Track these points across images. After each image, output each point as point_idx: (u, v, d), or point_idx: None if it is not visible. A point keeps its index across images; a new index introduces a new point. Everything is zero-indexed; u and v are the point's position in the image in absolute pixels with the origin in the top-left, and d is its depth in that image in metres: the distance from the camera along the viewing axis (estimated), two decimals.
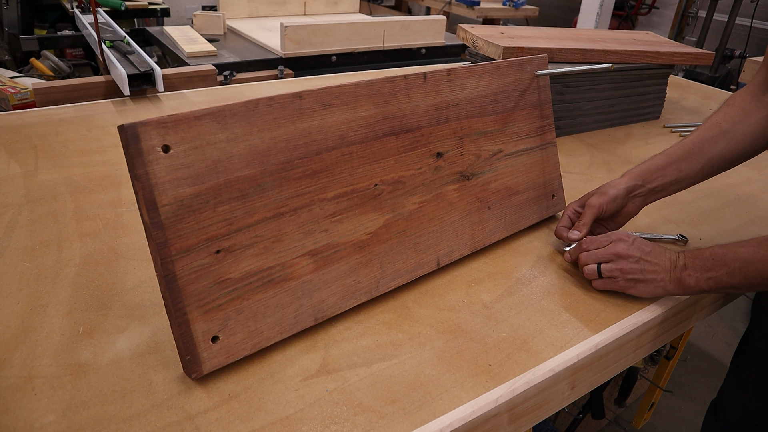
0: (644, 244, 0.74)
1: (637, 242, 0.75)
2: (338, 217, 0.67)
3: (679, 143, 0.85)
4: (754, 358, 0.89)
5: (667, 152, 0.84)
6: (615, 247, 0.74)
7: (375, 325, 0.69)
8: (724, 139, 0.83)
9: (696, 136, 0.84)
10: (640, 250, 0.74)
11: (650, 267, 0.73)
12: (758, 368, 0.89)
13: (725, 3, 3.44)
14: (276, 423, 0.55)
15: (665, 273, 0.72)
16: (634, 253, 0.73)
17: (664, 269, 0.72)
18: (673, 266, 0.72)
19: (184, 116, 0.54)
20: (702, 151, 0.83)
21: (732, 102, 0.86)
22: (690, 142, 0.84)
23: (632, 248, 0.74)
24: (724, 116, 0.84)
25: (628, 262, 0.73)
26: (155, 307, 0.69)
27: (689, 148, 0.83)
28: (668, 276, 0.72)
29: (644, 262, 0.73)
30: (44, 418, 0.53)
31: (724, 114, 0.85)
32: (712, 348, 2.07)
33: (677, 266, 0.72)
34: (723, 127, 0.83)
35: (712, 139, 0.83)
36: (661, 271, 0.72)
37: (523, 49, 1.21)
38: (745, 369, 0.91)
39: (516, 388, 0.61)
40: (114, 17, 1.89)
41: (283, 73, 1.73)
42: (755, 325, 0.90)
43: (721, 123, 0.84)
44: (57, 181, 0.96)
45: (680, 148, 0.84)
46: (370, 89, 0.68)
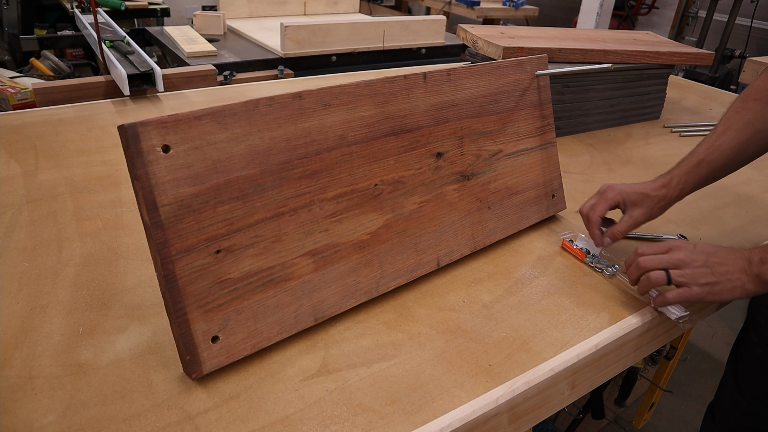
0: (707, 247, 0.70)
1: (698, 247, 0.71)
2: (338, 217, 0.67)
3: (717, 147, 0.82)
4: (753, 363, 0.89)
5: (708, 161, 0.81)
6: (677, 254, 0.70)
7: (375, 325, 0.69)
8: (757, 139, 0.81)
9: (732, 139, 0.82)
10: (704, 253, 0.70)
11: (721, 268, 0.68)
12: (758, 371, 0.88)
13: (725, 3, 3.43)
14: (276, 423, 0.55)
15: (740, 272, 0.68)
16: (699, 257, 0.69)
17: (738, 268, 0.68)
18: (747, 263, 0.68)
19: (184, 116, 0.54)
20: (738, 156, 0.82)
21: (758, 96, 0.83)
22: (728, 148, 0.81)
23: (695, 253, 0.70)
24: (755, 114, 0.82)
25: (694, 267, 0.69)
26: (155, 307, 0.69)
27: (728, 155, 0.81)
28: (744, 275, 0.68)
29: (713, 264, 0.69)
30: (44, 418, 0.53)
31: (755, 112, 0.82)
32: (712, 348, 2.07)
33: (752, 262, 0.68)
34: (756, 127, 0.81)
35: (746, 141, 0.81)
36: (734, 270, 0.68)
37: (523, 49, 1.21)
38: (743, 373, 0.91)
39: (516, 388, 0.61)
40: (114, 17, 1.89)
41: (283, 73, 1.73)
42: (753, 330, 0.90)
43: (753, 123, 0.81)
44: (57, 181, 0.96)
45: (720, 156, 0.81)
46: (370, 89, 0.68)
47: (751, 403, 0.90)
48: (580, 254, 0.84)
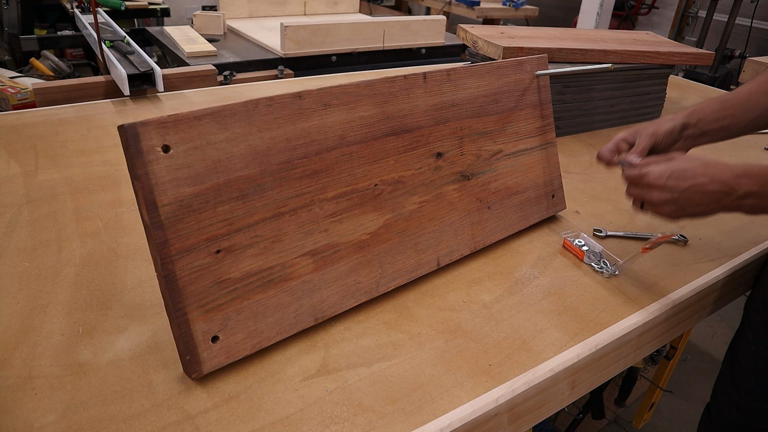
0: (681, 178, 0.68)
1: (670, 181, 0.68)
2: (338, 217, 0.67)
3: (735, 91, 0.82)
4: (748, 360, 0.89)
5: (722, 98, 0.81)
6: (649, 193, 0.70)
7: (375, 325, 0.69)
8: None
9: (752, 86, 0.82)
10: (675, 189, 0.68)
11: (693, 202, 0.67)
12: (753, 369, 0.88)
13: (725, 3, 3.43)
14: (276, 423, 0.55)
15: (715, 203, 0.67)
16: (668, 196, 0.68)
17: (713, 200, 0.67)
18: (726, 194, 0.66)
19: (184, 116, 0.54)
20: (758, 102, 0.80)
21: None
22: (746, 92, 0.81)
23: (664, 192, 0.68)
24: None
25: (665, 206, 0.69)
26: (155, 307, 0.69)
27: (745, 97, 0.81)
28: (719, 204, 0.67)
29: (684, 200, 0.68)
30: (44, 418, 0.53)
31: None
32: (712, 348, 2.07)
33: (734, 194, 0.66)
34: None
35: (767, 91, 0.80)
36: (708, 201, 0.67)
37: (523, 49, 1.21)
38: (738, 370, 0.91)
39: (516, 388, 0.61)
40: (114, 17, 1.89)
41: (283, 73, 1.73)
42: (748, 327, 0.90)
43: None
44: (57, 181, 0.96)
45: (736, 96, 0.81)
46: (370, 89, 0.68)
47: (747, 401, 0.90)
48: (580, 253, 0.84)
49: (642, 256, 0.86)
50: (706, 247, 0.92)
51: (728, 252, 0.91)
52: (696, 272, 0.84)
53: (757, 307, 0.88)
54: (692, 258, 0.88)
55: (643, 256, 0.86)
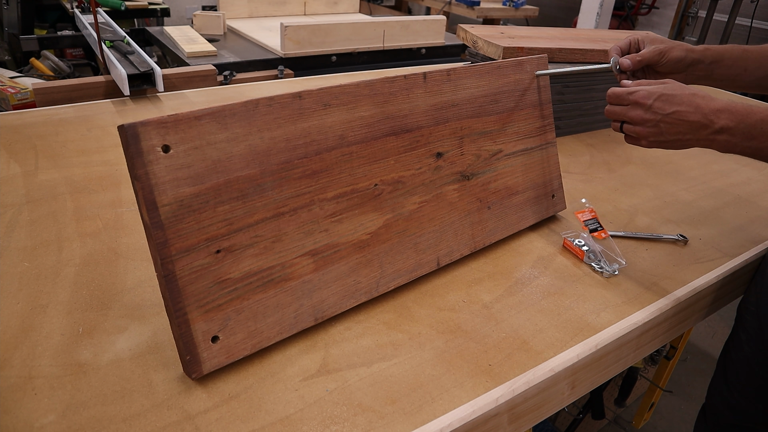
0: (666, 103, 0.69)
1: (656, 103, 0.69)
2: (338, 217, 0.67)
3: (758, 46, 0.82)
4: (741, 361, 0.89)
5: (745, 48, 0.81)
6: (631, 112, 0.71)
7: (375, 325, 0.69)
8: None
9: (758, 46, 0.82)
10: (658, 112, 0.69)
11: (672, 129, 0.68)
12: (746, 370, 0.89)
13: (725, 3, 3.43)
14: (276, 423, 0.55)
15: (692, 134, 0.68)
16: (651, 117, 0.69)
17: (691, 129, 0.67)
18: (704, 126, 0.67)
19: (184, 116, 0.54)
20: None
21: None
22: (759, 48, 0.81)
23: (648, 112, 0.69)
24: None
25: (645, 127, 0.70)
26: (155, 307, 0.69)
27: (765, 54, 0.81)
28: (695, 136, 0.68)
29: (665, 125, 0.69)
30: (44, 418, 0.53)
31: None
32: (712, 348, 2.07)
33: (711, 127, 0.67)
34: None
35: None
36: (686, 131, 0.68)
37: (523, 49, 1.21)
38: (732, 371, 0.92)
39: (516, 388, 0.61)
40: (114, 17, 1.89)
41: (283, 73, 1.73)
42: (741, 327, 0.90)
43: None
44: (57, 181, 0.96)
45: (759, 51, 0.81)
46: (370, 89, 0.68)
47: (740, 402, 0.90)
48: (580, 253, 0.84)
49: (642, 258, 0.86)
50: (706, 247, 0.92)
51: (728, 252, 0.91)
52: (696, 272, 0.84)
53: (750, 308, 0.88)
54: (692, 258, 0.88)
55: (643, 257, 0.86)
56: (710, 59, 0.81)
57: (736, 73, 0.82)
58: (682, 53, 0.80)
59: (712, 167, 1.23)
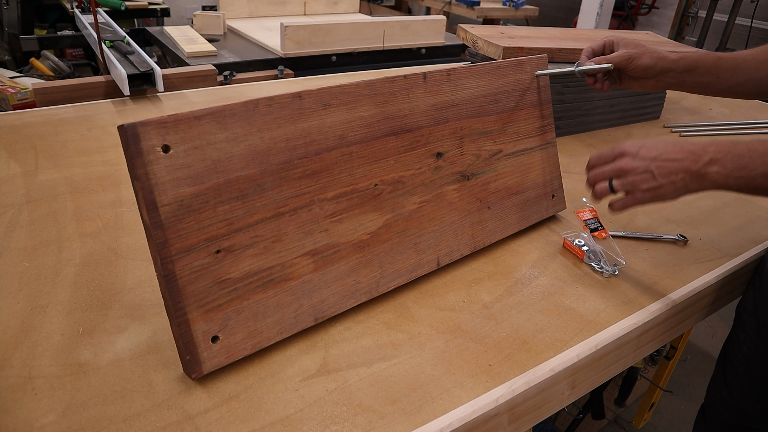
0: (653, 149, 0.69)
1: (642, 150, 0.70)
2: (338, 217, 0.67)
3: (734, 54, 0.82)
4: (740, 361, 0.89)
5: (719, 56, 0.82)
6: (619, 162, 0.71)
7: (375, 325, 0.69)
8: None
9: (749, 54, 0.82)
10: (647, 157, 0.69)
11: (663, 170, 0.68)
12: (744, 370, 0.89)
13: (725, 3, 3.43)
14: (276, 423, 0.55)
15: (684, 172, 0.67)
16: (640, 164, 0.69)
17: (682, 168, 0.67)
18: (694, 161, 0.67)
19: (184, 116, 0.54)
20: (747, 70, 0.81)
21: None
22: (742, 57, 0.82)
23: (637, 159, 0.69)
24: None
25: (636, 174, 0.69)
26: (155, 307, 0.69)
27: (739, 62, 0.81)
28: (688, 175, 0.67)
29: (656, 167, 0.68)
30: (44, 418, 0.53)
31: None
32: (712, 348, 2.07)
33: (700, 161, 0.66)
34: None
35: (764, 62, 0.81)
36: (677, 170, 0.67)
37: (523, 49, 1.21)
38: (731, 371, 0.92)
39: (516, 388, 0.61)
40: (114, 17, 1.89)
41: (283, 73, 1.73)
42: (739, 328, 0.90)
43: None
44: (57, 181, 0.96)
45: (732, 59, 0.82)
46: (370, 89, 0.68)
47: (739, 402, 0.90)
48: (580, 253, 0.84)
49: (642, 258, 0.86)
50: (706, 247, 0.92)
51: (728, 252, 0.91)
52: (696, 272, 0.84)
53: (748, 308, 0.88)
54: (692, 258, 0.88)
55: (643, 257, 0.86)
56: (682, 68, 0.82)
57: (708, 81, 0.82)
58: (651, 61, 0.81)
59: None
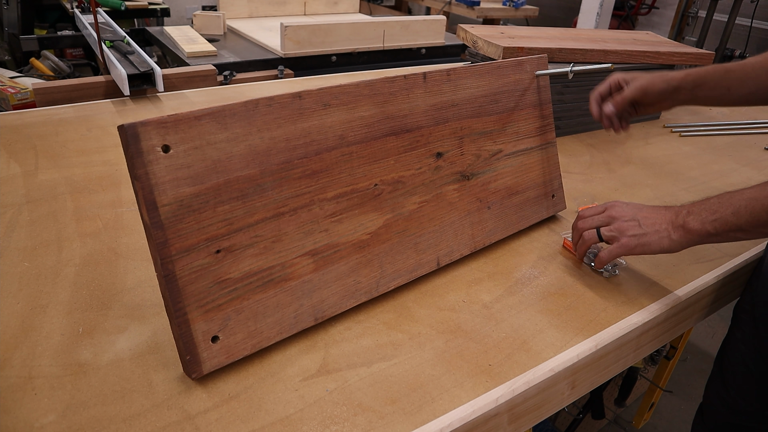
0: (641, 205, 0.76)
1: (632, 204, 0.76)
2: (338, 217, 0.67)
3: (741, 63, 0.84)
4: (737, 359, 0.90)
5: (727, 68, 0.83)
6: (610, 211, 0.77)
7: (375, 325, 0.69)
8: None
9: (757, 61, 0.83)
10: (635, 208, 0.75)
11: (648, 221, 0.73)
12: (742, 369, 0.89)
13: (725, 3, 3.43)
14: (276, 423, 0.55)
15: (667, 223, 0.72)
16: (629, 212, 0.75)
17: (665, 220, 0.73)
18: (674, 216, 0.72)
19: (184, 116, 0.54)
20: (758, 78, 0.82)
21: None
22: (750, 66, 0.83)
23: (627, 208, 0.76)
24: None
25: (623, 221, 0.74)
26: (155, 307, 0.69)
27: (748, 71, 0.82)
28: (671, 225, 0.72)
29: (641, 217, 0.74)
30: (44, 418, 0.53)
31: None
32: (712, 348, 2.07)
33: (679, 215, 0.72)
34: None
35: None
36: (661, 221, 0.73)
37: (523, 49, 1.21)
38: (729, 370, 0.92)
39: (516, 388, 0.61)
40: (114, 17, 1.89)
41: (283, 73, 1.73)
42: (737, 327, 0.91)
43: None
44: (57, 181, 0.96)
45: (740, 69, 0.83)
46: (370, 89, 0.68)
47: (737, 401, 0.91)
48: None
49: (642, 258, 0.86)
50: (706, 247, 0.92)
51: (728, 252, 0.91)
52: (696, 272, 0.84)
53: (745, 307, 0.89)
54: (692, 258, 0.88)
55: (643, 256, 0.86)
56: (692, 84, 0.83)
57: (719, 93, 0.84)
58: (663, 85, 0.82)
59: (712, 167, 1.23)
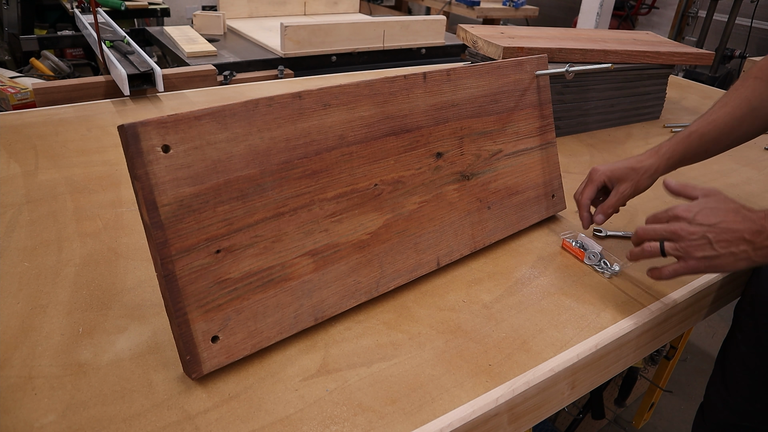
0: (711, 215, 0.65)
1: (699, 216, 0.65)
2: (338, 217, 0.67)
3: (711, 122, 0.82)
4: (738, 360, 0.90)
5: (700, 132, 0.81)
6: (675, 224, 0.67)
7: (375, 325, 0.69)
8: (752, 117, 0.81)
9: (727, 114, 0.81)
10: (704, 224, 0.65)
11: (722, 238, 0.63)
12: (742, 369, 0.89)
13: (725, 3, 3.44)
14: (276, 423, 0.55)
15: (745, 244, 0.63)
16: (698, 229, 0.65)
17: (742, 239, 0.63)
18: (756, 234, 0.63)
19: (184, 116, 0.54)
20: (731, 132, 0.82)
21: (759, 74, 0.83)
22: (722, 122, 0.81)
23: (693, 225, 0.65)
24: (753, 92, 0.81)
25: (690, 240, 0.65)
26: (155, 307, 0.69)
27: (721, 129, 0.81)
28: (751, 247, 0.63)
29: (713, 234, 0.64)
30: (44, 418, 0.53)
31: (753, 89, 0.81)
32: (712, 348, 2.07)
33: (764, 232, 0.62)
34: (753, 104, 0.81)
35: (741, 117, 0.81)
36: (738, 240, 0.63)
37: (523, 49, 1.21)
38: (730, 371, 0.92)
39: (516, 388, 0.61)
40: (114, 17, 1.89)
41: (283, 73, 1.73)
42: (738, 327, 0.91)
43: (751, 100, 0.81)
44: (57, 181, 0.96)
45: (713, 129, 0.81)
46: (370, 89, 0.68)
47: (738, 401, 0.91)
48: (580, 254, 0.84)
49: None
50: None
51: None
52: None
53: (746, 308, 0.89)
54: None
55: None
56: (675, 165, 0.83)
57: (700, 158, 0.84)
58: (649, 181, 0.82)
59: (712, 167, 1.23)
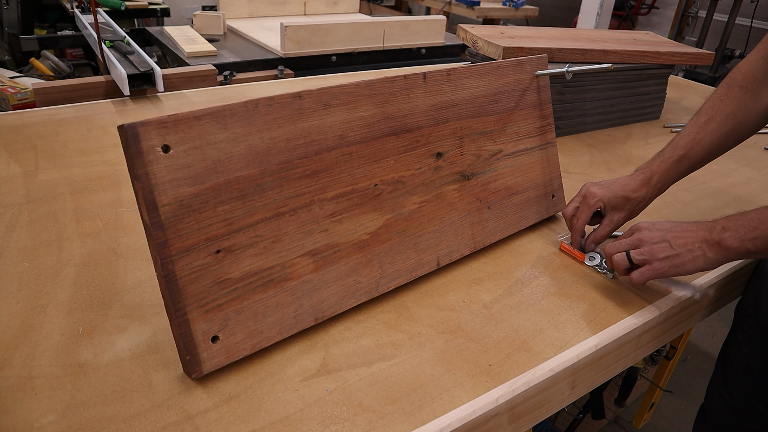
0: (668, 224, 0.73)
1: (657, 224, 0.74)
2: (338, 217, 0.67)
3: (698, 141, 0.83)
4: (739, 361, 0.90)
5: (689, 156, 0.83)
6: (637, 234, 0.74)
7: (375, 325, 0.69)
8: (738, 131, 0.82)
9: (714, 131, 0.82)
10: (662, 230, 0.72)
11: (679, 240, 0.70)
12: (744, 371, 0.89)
13: (725, 3, 3.44)
14: (276, 423, 0.55)
15: (700, 241, 0.69)
16: (657, 234, 0.72)
17: (698, 237, 0.70)
18: (708, 232, 0.69)
19: (184, 116, 0.54)
20: (718, 149, 0.83)
21: (744, 83, 0.84)
22: (709, 142, 0.82)
23: (653, 231, 0.73)
24: (738, 104, 0.82)
25: (652, 243, 0.72)
26: (155, 307, 0.69)
27: (708, 149, 0.82)
28: (705, 243, 0.69)
29: (672, 238, 0.71)
30: (44, 418, 0.53)
31: (738, 101, 0.83)
32: (712, 348, 2.07)
33: (714, 231, 0.69)
34: (738, 118, 0.82)
35: (728, 134, 0.82)
36: (693, 240, 0.70)
37: (523, 49, 1.21)
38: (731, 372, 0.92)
39: (516, 388, 0.61)
40: (114, 17, 1.89)
41: (283, 73, 1.73)
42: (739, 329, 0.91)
43: (736, 114, 0.82)
44: (57, 181, 0.96)
45: (701, 150, 0.83)
46: (370, 89, 0.68)
47: (739, 402, 0.91)
48: (580, 256, 0.84)
49: None
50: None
51: None
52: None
53: (748, 309, 0.88)
54: None
55: None
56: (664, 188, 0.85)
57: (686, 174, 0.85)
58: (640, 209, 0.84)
59: (712, 167, 1.23)
